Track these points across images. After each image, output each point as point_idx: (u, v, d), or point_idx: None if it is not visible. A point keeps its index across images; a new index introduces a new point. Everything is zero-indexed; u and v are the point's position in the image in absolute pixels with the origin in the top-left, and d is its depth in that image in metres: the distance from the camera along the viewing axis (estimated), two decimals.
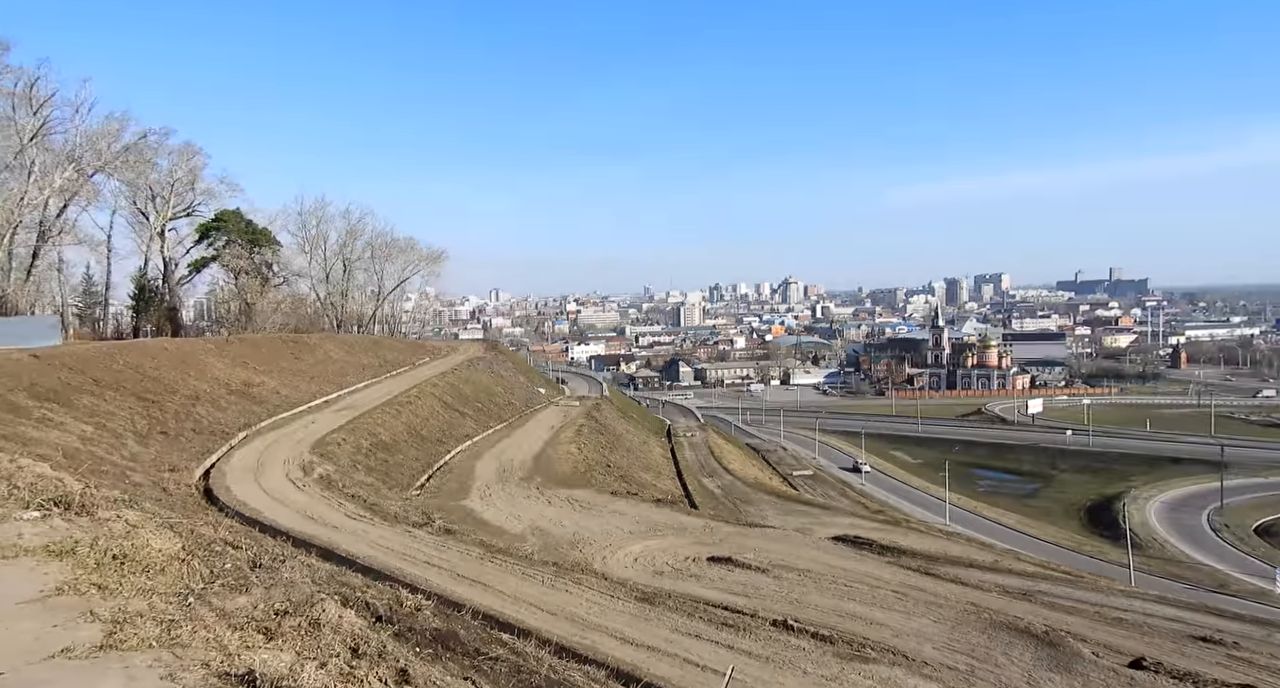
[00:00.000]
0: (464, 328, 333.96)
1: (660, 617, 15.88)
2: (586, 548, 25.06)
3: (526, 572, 18.53)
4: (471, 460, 43.22)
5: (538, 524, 29.03)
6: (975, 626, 17.13)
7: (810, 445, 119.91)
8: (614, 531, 27.86)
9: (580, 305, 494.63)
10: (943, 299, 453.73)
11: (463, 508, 31.63)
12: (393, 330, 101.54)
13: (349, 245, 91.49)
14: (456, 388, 59.86)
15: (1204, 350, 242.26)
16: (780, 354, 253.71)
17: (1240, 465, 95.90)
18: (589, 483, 40.62)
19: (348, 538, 20.49)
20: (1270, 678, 14.86)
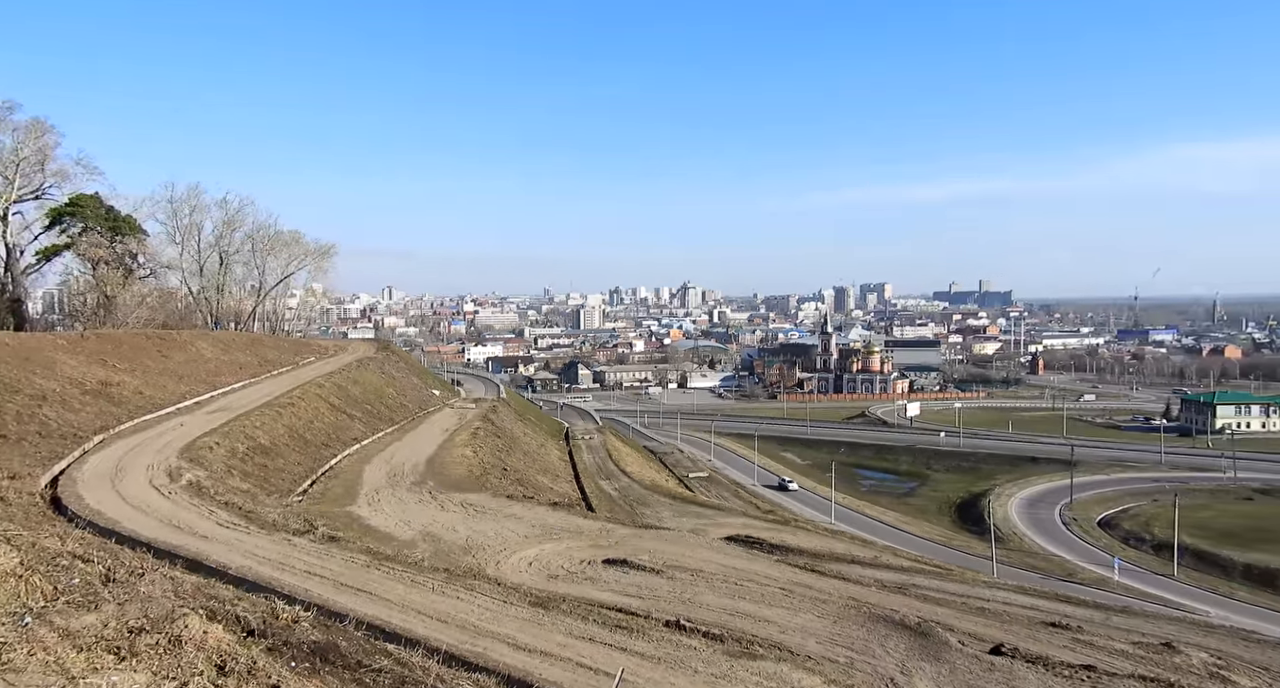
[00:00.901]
0: (354, 327, 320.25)
1: (554, 621, 15.74)
2: (480, 553, 24.52)
3: (416, 579, 17.91)
4: (360, 465, 41.39)
5: (429, 530, 28.15)
6: (855, 619, 17.98)
7: (706, 448, 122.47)
8: (509, 535, 27.40)
9: (478, 306, 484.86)
10: (831, 307, 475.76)
11: (349, 514, 30.23)
12: (275, 328, 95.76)
13: (226, 237, 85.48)
14: (344, 389, 57.20)
15: (1058, 358, 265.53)
16: (678, 358, 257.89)
17: (1087, 464, 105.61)
18: (484, 487, 39.77)
19: (219, 548, 19.14)
20: (1108, 658, 16.39)
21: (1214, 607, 56.52)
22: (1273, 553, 70.63)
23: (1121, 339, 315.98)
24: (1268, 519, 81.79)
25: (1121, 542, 78.25)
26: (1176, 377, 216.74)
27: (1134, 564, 70.01)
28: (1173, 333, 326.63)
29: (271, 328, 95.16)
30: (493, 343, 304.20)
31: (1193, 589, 63.60)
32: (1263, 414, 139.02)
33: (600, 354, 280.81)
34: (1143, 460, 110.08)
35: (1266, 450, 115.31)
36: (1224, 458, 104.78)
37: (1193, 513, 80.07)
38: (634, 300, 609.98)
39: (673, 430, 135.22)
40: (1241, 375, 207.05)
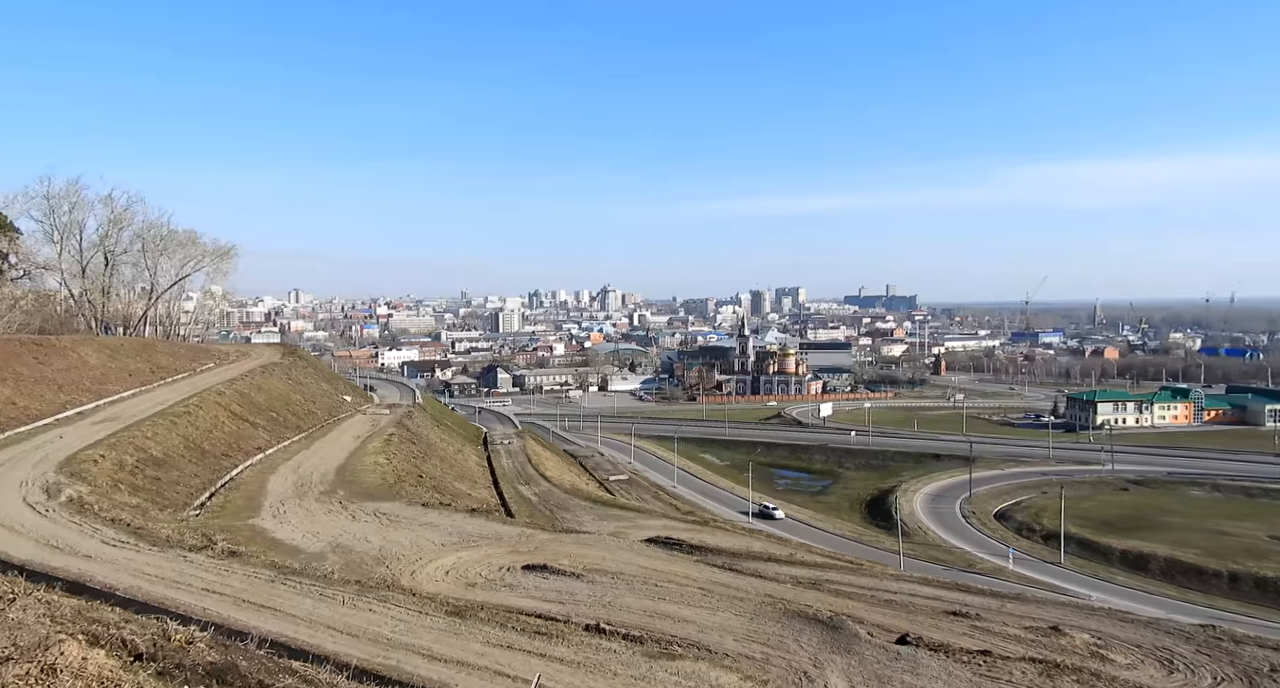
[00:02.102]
0: (258, 331, 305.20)
1: (472, 630, 15.44)
2: (394, 564, 23.78)
3: (325, 592, 17.21)
4: (264, 475, 39.42)
5: (340, 541, 27.09)
6: (771, 616, 18.43)
7: (627, 451, 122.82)
8: (425, 544, 26.69)
9: (392, 309, 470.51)
10: (748, 310, 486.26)
11: (252, 527, 28.74)
12: (169, 333, 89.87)
13: (112, 236, 79.44)
14: (247, 396, 54.37)
15: (959, 359, 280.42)
16: (599, 361, 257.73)
17: (985, 459, 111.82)
18: (399, 495, 38.59)
19: (105, 568, 17.83)
20: (1002, 643, 17.41)
21: (1096, 591, 60.91)
22: (1145, 540, 76.66)
23: (1014, 341, 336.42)
24: (1141, 509, 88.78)
25: (1015, 533, 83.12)
26: (1063, 376, 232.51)
27: (1026, 554, 74.54)
28: (1059, 336, 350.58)
29: (166, 333, 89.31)
30: (408, 347, 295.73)
31: (1077, 575, 68.31)
32: (1137, 411, 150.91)
33: (520, 358, 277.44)
34: (1034, 455, 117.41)
35: (1140, 444, 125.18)
36: (1103, 452, 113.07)
37: (1077, 504, 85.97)
38: (554, 304, 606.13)
39: (593, 434, 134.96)
40: (1119, 375, 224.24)
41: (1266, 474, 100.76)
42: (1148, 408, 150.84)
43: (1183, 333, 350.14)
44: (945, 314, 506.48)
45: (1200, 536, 77.22)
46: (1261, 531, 78.42)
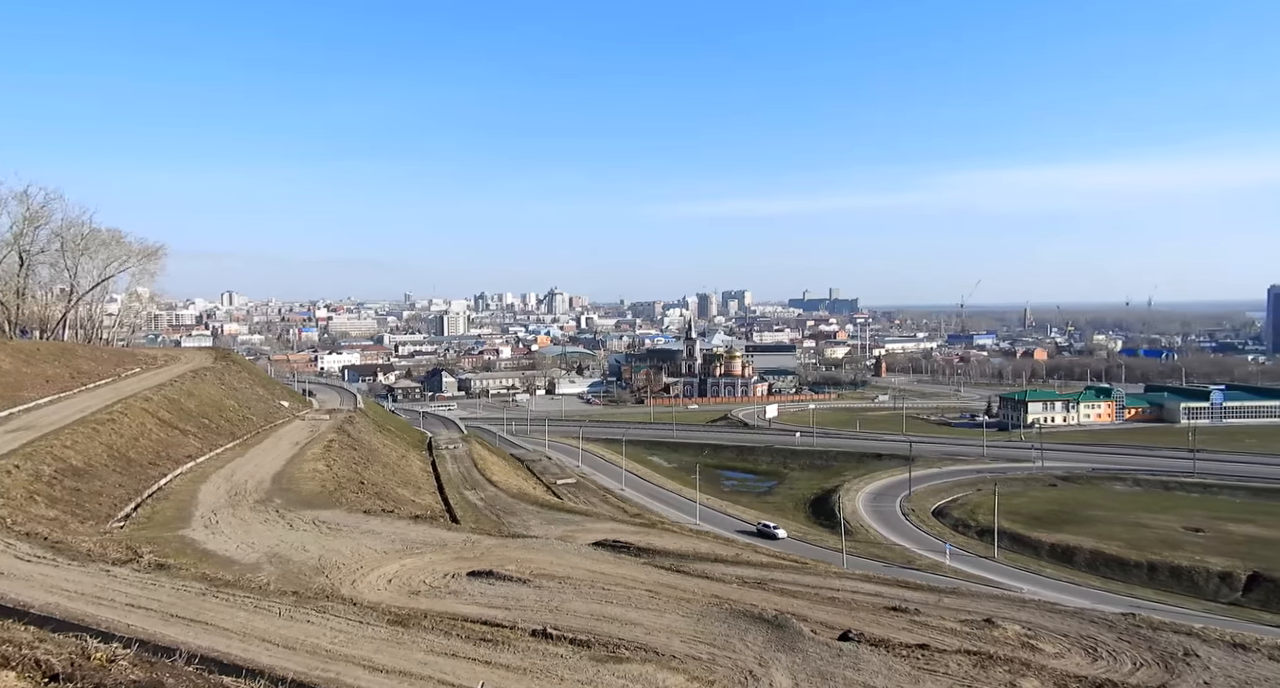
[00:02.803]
0: (188, 334, 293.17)
1: (415, 639, 15.14)
2: (334, 573, 23.15)
3: (260, 604, 16.62)
4: (195, 484, 37.88)
5: (276, 551, 26.22)
6: (718, 616, 18.60)
7: (575, 454, 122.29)
8: (366, 552, 26.06)
9: (333, 312, 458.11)
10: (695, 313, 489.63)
11: (182, 539, 27.58)
12: (91, 337, 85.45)
13: (27, 234, 75.19)
14: (177, 402, 52.18)
15: (899, 361, 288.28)
16: (546, 364, 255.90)
17: (924, 458, 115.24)
18: (339, 502, 37.59)
19: (19, 585, 16.84)
20: (939, 636, 17.97)
21: (1026, 583, 63.41)
22: (1072, 533, 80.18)
23: (951, 343, 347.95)
24: (1068, 504, 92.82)
25: (952, 529, 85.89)
26: (996, 377, 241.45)
27: (962, 549, 77.10)
28: (992, 338, 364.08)
29: (87, 337, 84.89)
30: (349, 351, 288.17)
31: (1009, 568, 70.98)
32: (1064, 410, 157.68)
33: (466, 361, 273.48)
34: (969, 454, 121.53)
35: (1067, 442, 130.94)
36: (1034, 450, 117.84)
37: (1009, 500, 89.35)
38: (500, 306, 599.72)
39: (541, 438, 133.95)
40: (1048, 375, 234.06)
41: (1181, 469, 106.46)
42: (1074, 407, 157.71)
43: (1105, 335, 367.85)
44: (886, 317, 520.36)
45: (1122, 528, 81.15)
46: (1177, 522, 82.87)
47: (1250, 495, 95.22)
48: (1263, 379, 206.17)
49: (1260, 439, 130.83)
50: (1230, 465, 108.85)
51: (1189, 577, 69.17)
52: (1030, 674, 14.73)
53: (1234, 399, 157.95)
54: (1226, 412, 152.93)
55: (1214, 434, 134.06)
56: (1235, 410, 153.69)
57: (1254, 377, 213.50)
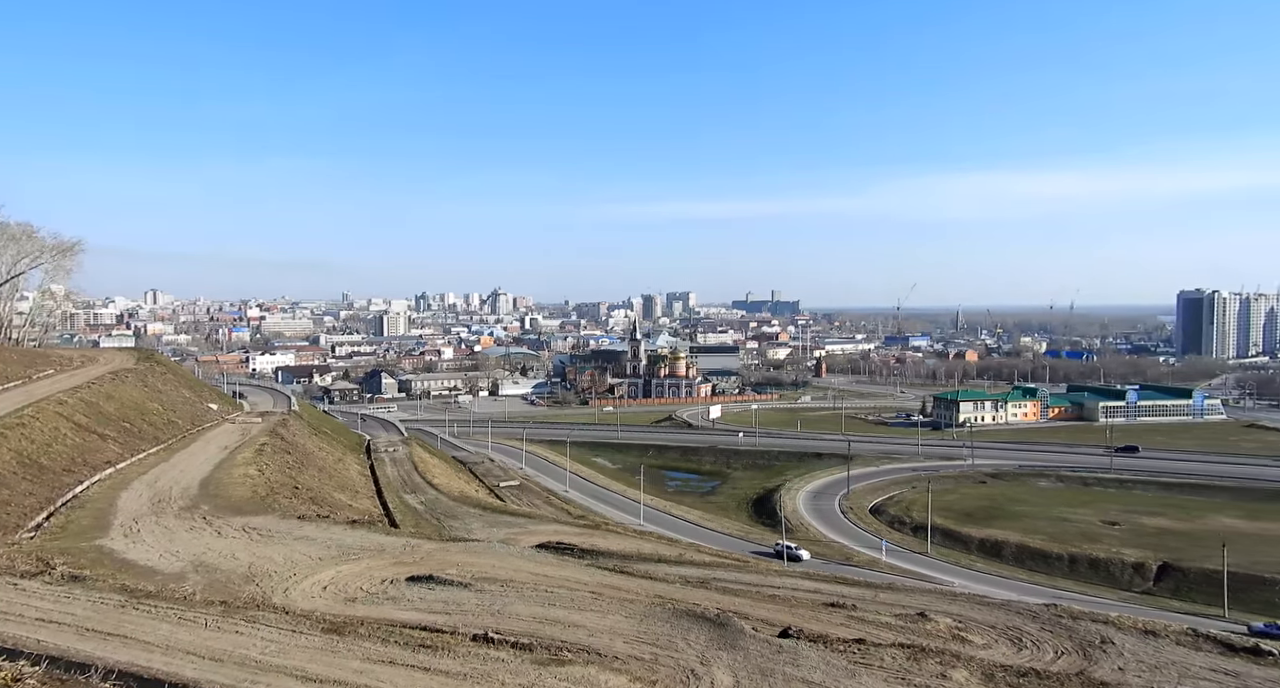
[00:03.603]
0: (108, 334, 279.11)
1: (350, 647, 14.75)
2: (265, 581, 22.36)
3: (184, 616, 15.93)
4: (115, 491, 36.07)
5: (203, 560, 25.18)
6: (661, 616, 18.69)
7: (518, 456, 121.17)
8: (300, 559, 25.26)
9: (265, 311, 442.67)
10: (640, 314, 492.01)
11: (99, 549, 26.22)
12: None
13: None
14: (95, 406, 49.60)
15: (838, 362, 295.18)
16: (489, 365, 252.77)
17: (862, 457, 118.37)
18: (271, 508, 36.32)
19: None
20: (875, 630, 18.47)
21: (958, 577, 65.79)
22: (1000, 528, 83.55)
23: (888, 345, 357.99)
24: (997, 500, 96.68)
25: (888, 526, 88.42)
26: (930, 377, 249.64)
27: (898, 545, 79.43)
28: (927, 340, 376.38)
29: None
30: (283, 351, 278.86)
31: (942, 563, 73.49)
32: (993, 409, 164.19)
33: (406, 362, 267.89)
34: (905, 453, 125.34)
35: (996, 440, 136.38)
36: (965, 448, 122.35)
37: (942, 497, 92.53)
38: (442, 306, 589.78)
39: (484, 439, 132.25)
40: (978, 375, 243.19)
41: (1099, 465, 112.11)
42: (1002, 406, 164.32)
43: (1031, 337, 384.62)
44: (826, 319, 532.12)
45: (1046, 523, 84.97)
46: (1095, 516, 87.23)
47: (1161, 490, 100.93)
48: (1173, 379, 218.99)
49: (1169, 436, 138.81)
50: (1144, 462, 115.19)
51: (1106, 568, 72.86)
52: (960, 665, 15.27)
53: (1147, 398, 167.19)
54: (1140, 410, 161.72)
55: (1129, 432, 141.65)
56: (1148, 409, 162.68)
57: (1165, 377, 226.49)
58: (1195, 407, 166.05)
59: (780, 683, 14.22)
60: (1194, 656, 16.97)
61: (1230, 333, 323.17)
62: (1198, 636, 18.25)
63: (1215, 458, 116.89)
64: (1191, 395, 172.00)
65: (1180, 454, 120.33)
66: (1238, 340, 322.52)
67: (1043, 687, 14.23)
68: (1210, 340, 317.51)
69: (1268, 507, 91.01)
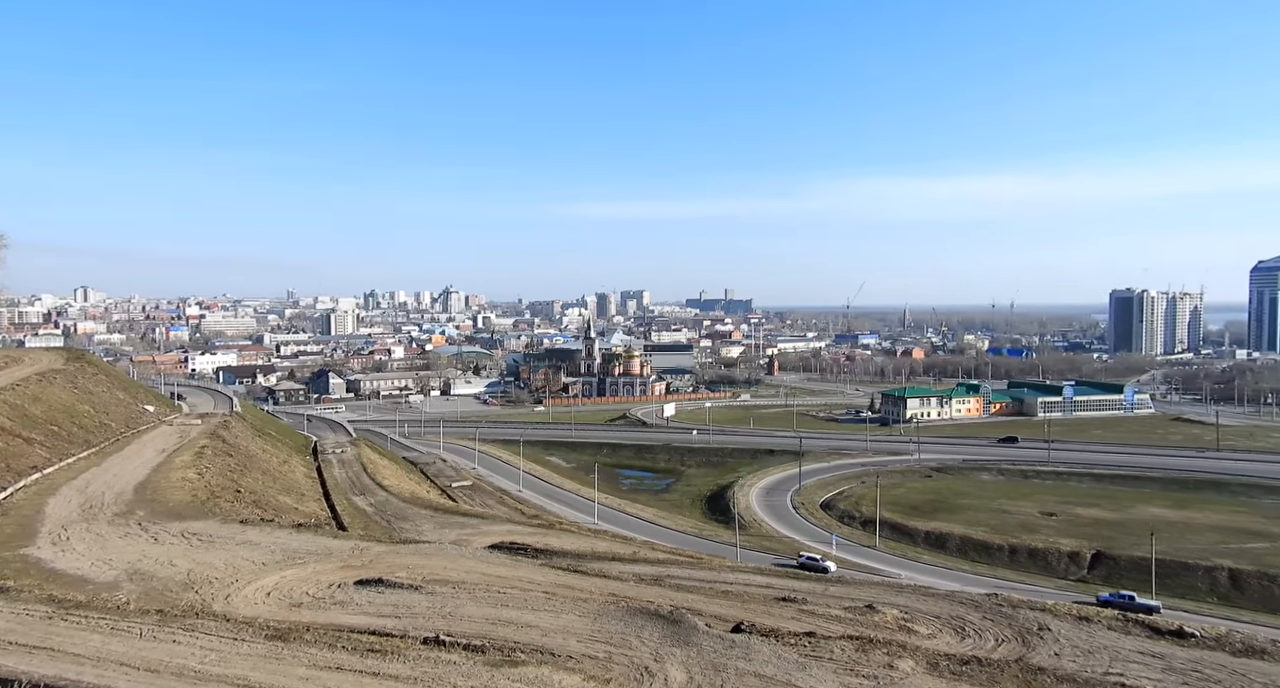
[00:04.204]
0: (34, 334, 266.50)
1: (296, 653, 14.36)
2: (205, 588, 21.62)
3: (117, 626, 15.30)
4: (42, 497, 34.41)
5: (139, 567, 24.20)
6: (615, 614, 18.69)
7: (471, 456, 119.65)
8: (243, 564, 24.49)
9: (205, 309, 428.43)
10: (594, 312, 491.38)
11: (24, 558, 24.98)
12: None
13: None
14: (19, 408, 47.22)
15: (790, 360, 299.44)
16: (441, 364, 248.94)
17: (813, 453, 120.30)
18: (212, 513, 35.13)
19: None
20: (825, 623, 18.81)
21: (905, 569, 67.42)
22: (945, 521, 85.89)
23: (838, 343, 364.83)
24: (942, 493, 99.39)
25: (838, 520, 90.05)
26: (879, 375, 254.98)
27: (847, 539, 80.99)
28: (875, 338, 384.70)
29: None
30: (225, 351, 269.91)
31: (889, 556, 75.21)
32: (938, 405, 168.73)
33: (355, 362, 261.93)
34: (854, 448, 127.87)
35: (941, 435, 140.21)
36: (912, 443, 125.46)
37: (889, 491, 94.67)
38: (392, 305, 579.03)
39: (435, 440, 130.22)
40: (924, 372, 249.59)
41: (1038, 459, 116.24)
42: (947, 403, 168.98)
43: (975, 335, 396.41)
44: (778, 317, 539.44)
45: (988, 515, 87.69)
46: (1034, 508, 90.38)
47: (1095, 481, 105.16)
48: (1106, 375, 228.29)
49: (1103, 429, 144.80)
50: (1079, 454, 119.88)
51: (1044, 557, 75.57)
52: (906, 655, 15.66)
53: (1082, 394, 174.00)
54: (1076, 405, 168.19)
55: (1066, 426, 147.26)
56: (1083, 404, 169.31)
57: (1099, 373, 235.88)
58: (1126, 402, 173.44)
59: (733, 677, 14.37)
60: (1124, 640, 17.73)
61: (1158, 331, 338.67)
62: (1127, 620, 19.10)
63: (1117, 449, 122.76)
64: (1123, 391, 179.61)
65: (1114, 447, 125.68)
66: (1165, 338, 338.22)
67: (984, 674, 14.68)
68: (1140, 338, 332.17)
69: (1193, 496, 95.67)
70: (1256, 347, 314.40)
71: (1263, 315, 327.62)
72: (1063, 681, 14.51)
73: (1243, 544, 75.29)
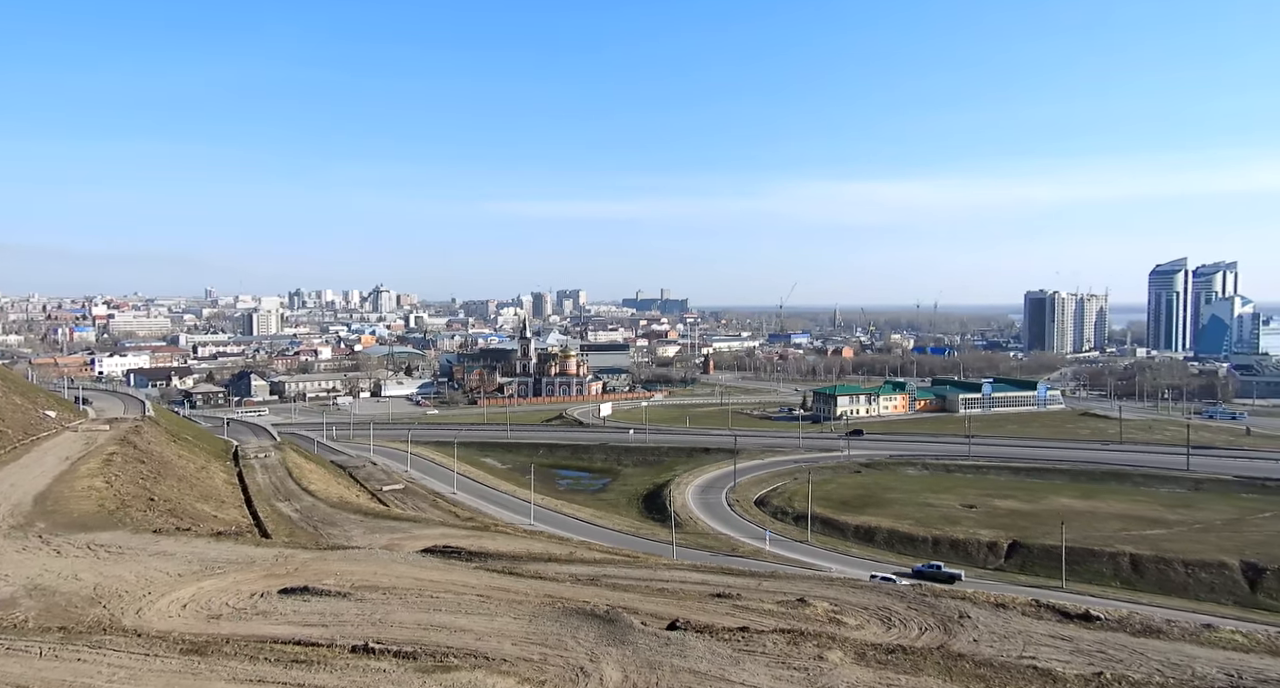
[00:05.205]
0: None
1: (214, 667, 13.74)
2: (114, 602, 20.44)
3: (14, 645, 14.33)
4: None
5: (39, 583, 22.70)
6: (550, 616, 18.58)
7: (403, 459, 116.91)
8: (156, 576, 23.28)
9: (114, 309, 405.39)
10: (530, 312, 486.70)
11: None
12: None
13: None
14: None
15: (725, 359, 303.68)
16: (371, 365, 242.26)
17: (747, 451, 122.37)
18: (122, 523, 33.27)
19: None
20: (758, 618, 19.17)
21: (835, 563, 69.35)
22: (873, 515, 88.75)
23: (771, 342, 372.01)
24: (870, 488, 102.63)
25: (772, 516, 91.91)
26: (810, 373, 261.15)
27: (781, 535, 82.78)
28: (807, 337, 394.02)
29: None
30: (136, 353, 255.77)
31: (821, 550, 77.27)
32: (867, 402, 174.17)
33: (279, 363, 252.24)
34: (787, 445, 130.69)
35: (870, 431, 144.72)
36: (842, 440, 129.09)
37: (821, 487, 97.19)
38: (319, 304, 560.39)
39: (365, 442, 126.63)
40: (854, 371, 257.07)
41: (959, 453, 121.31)
42: (875, 400, 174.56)
43: (901, 334, 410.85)
44: (714, 316, 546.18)
45: (913, 508, 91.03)
46: (956, 501, 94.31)
47: (1012, 474, 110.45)
48: (1021, 373, 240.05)
49: (1018, 424, 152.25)
50: (997, 448, 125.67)
51: (964, 548, 78.94)
52: (835, 646, 16.10)
53: (999, 390, 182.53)
54: (994, 402, 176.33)
55: (985, 421, 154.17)
56: (1000, 400, 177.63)
57: (1014, 371, 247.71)
58: (1039, 398, 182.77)
59: (668, 675, 14.48)
60: (1036, 624, 18.69)
61: (1068, 330, 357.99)
62: (1040, 606, 20.12)
63: (1031, 443, 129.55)
64: (1036, 387, 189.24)
65: (1028, 441, 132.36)
66: (1074, 337, 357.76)
67: (908, 662, 15.22)
68: (1052, 337, 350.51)
69: (1099, 487, 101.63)
70: (1155, 345, 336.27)
71: (1160, 316, 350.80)
72: (981, 665, 15.19)
73: (1143, 531, 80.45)
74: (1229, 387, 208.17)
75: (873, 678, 14.26)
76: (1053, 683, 14.13)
